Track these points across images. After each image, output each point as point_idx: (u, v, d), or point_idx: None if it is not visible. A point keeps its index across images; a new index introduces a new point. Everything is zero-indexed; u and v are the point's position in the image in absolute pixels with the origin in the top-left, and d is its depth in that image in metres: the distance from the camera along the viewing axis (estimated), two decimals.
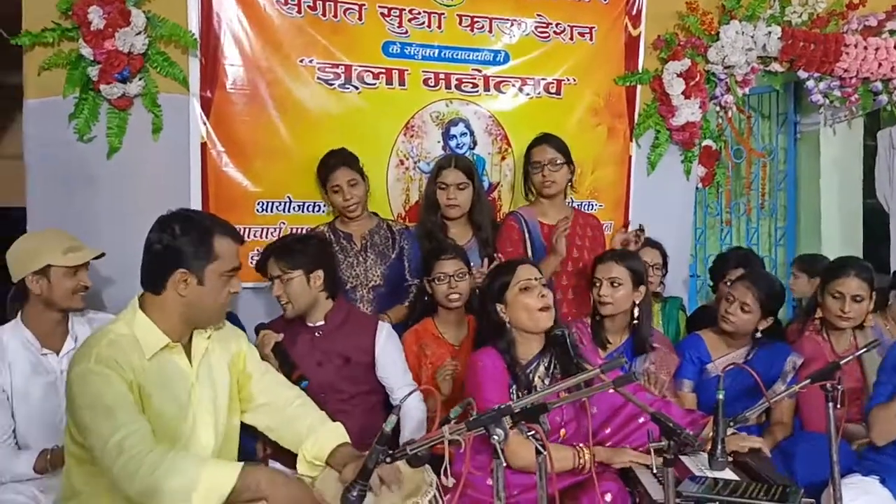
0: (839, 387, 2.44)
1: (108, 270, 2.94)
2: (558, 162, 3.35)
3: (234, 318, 3.04)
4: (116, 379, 1.86)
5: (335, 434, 2.19)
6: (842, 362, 2.56)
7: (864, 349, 2.66)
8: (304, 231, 3.29)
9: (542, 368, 2.51)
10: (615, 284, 2.97)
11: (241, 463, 1.84)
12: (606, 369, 1.77)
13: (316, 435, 2.17)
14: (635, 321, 3.02)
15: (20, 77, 3.07)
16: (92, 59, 2.97)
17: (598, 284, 3.01)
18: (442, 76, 3.59)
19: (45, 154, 3.07)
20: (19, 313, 2.60)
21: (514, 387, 2.35)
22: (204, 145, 3.24)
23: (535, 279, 2.51)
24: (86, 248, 2.59)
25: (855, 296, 3.08)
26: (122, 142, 3.12)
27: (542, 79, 3.76)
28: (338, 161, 3.21)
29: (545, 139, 3.42)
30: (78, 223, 2.98)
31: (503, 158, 3.75)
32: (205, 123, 3.23)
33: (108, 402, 1.83)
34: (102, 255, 2.62)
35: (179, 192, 3.16)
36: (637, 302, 3.01)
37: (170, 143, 3.19)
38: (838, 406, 2.44)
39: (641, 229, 3.58)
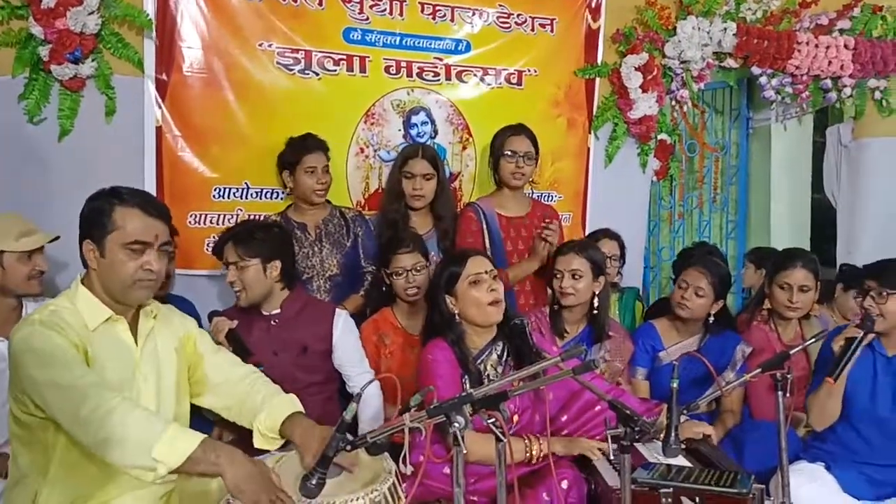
0: (788, 376, 2.51)
1: (62, 255, 2.86)
2: (532, 156, 3.36)
3: (189, 306, 3.01)
4: (62, 338, 1.84)
5: (288, 404, 2.16)
6: (791, 352, 2.64)
7: (813, 339, 2.72)
8: (261, 218, 3.24)
9: (493, 356, 2.52)
10: (576, 276, 3.00)
11: (205, 435, 1.80)
12: (566, 357, 1.79)
13: (269, 407, 2.14)
14: (595, 311, 3.06)
15: None
16: (42, 38, 2.89)
17: (559, 276, 3.04)
18: (403, 64, 3.57)
19: None
20: None
21: (466, 378, 2.36)
22: (159, 129, 3.18)
23: (486, 272, 2.51)
24: (40, 232, 2.53)
25: (802, 286, 3.16)
26: (73, 124, 3.04)
27: (504, 69, 3.77)
28: (316, 144, 3.19)
29: (522, 130, 3.41)
30: (30, 207, 2.90)
31: (464, 148, 3.75)
32: (160, 107, 3.17)
33: (59, 356, 1.80)
34: (57, 238, 2.56)
35: (134, 176, 3.09)
36: (597, 292, 3.05)
37: (124, 127, 3.12)
38: (787, 395, 2.51)
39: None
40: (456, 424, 1.75)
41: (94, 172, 3.02)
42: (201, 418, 2.33)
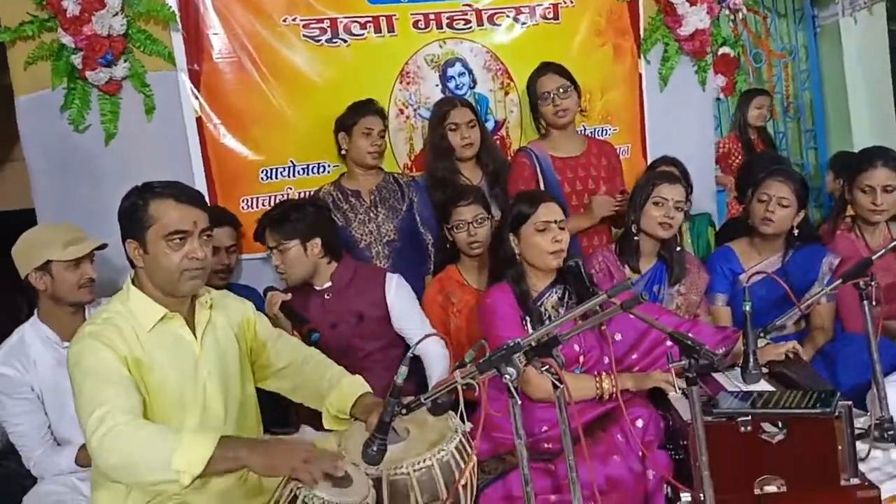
0: (873, 283, 2.34)
1: (120, 259, 2.93)
2: (567, 87, 3.23)
3: (253, 293, 3.03)
4: (107, 353, 1.84)
5: (356, 385, 2.15)
6: (874, 257, 2.46)
7: (894, 243, 2.54)
8: (310, 195, 3.24)
9: (554, 298, 2.48)
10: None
11: (219, 434, 1.77)
12: (613, 294, 1.70)
13: (337, 388, 2.14)
14: (678, 247, 2.92)
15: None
16: (73, 46, 2.92)
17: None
18: (432, 16, 3.46)
19: (43, 149, 3.06)
20: (36, 311, 2.61)
21: (528, 319, 2.30)
22: (199, 119, 3.18)
23: (555, 221, 2.45)
24: (86, 240, 2.56)
25: (885, 186, 2.94)
26: (117, 126, 3.08)
27: (538, 5, 3.60)
28: (375, 108, 3.17)
29: (548, 67, 3.29)
30: (85, 214, 2.97)
31: (506, 94, 3.63)
32: (197, 97, 3.18)
33: (96, 376, 1.81)
34: (104, 245, 2.59)
35: (181, 169, 3.12)
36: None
37: (165, 122, 3.14)
38: (874, 304, 2.34)
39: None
40: (507, 376, 1.70)
41: (143, 171, 2.96)
42: (278, 397, 2.35)
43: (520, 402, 1.72)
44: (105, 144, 3.08)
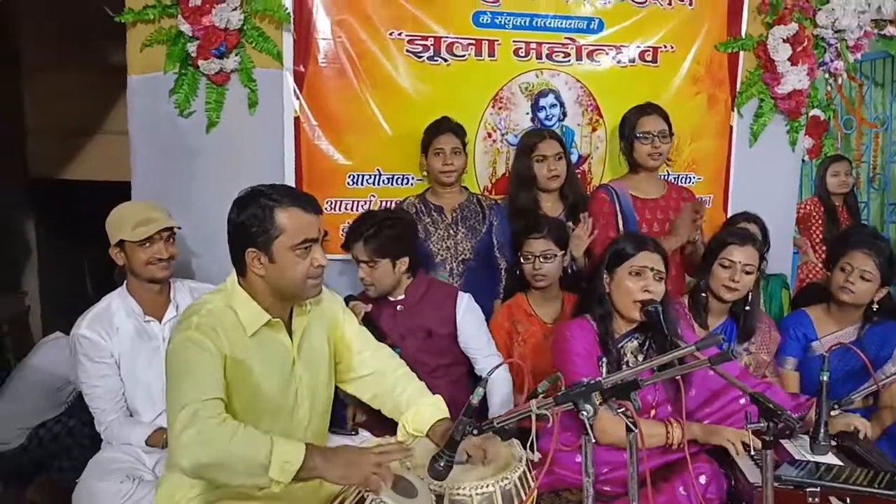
0: None
1: (206, 241, 3.03)
2: (667, 133, 3.24)
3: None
4: (211, 348, 1.86)
5: (435, 408, 2.15)
6: None
7: None
8: (393, 204, 3.30)
9: (634, 343, 2.46)
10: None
11: (304, 443, 1.81)
12: (702, 346, 1.70)
13: (416, 407, 2.15)
14: (747, 307, 2.89)
15: (123, 56, 3.18)
16: (190, 35, 3.04)
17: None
18: (533, 46, 3.50)
19: (147, 128, 3.18)
20: (126, 282, 2.72)
21: (604, 360, 2.31)
22: (297, 119, 3.28)
23: (653, 269, 2.44)
24: (157, 221, 2.65)
25: None
26: (219, 116, 3.19)
27: (638, 46, 3.62)
28: (447, 126, 3.21)
29: (654, 109, 3.29)
30: (178, 195, 3.11)
31: (594, 130, 3.65)
32: (298, 98, 3.27)
33: (194, 371, 1.82)
34: (173, 228, 2.69)
35: (274, 165, 3.23)
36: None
37: (265, 118, 3.24)
38: None
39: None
40: (584, 413, 1.71)
41: (239, 162, 3.19)
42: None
43: (594, 441, 1.72)
44: (206, 132, 3.19)
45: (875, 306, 2.95)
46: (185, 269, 3.11)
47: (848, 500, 1.95)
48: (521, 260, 3.00)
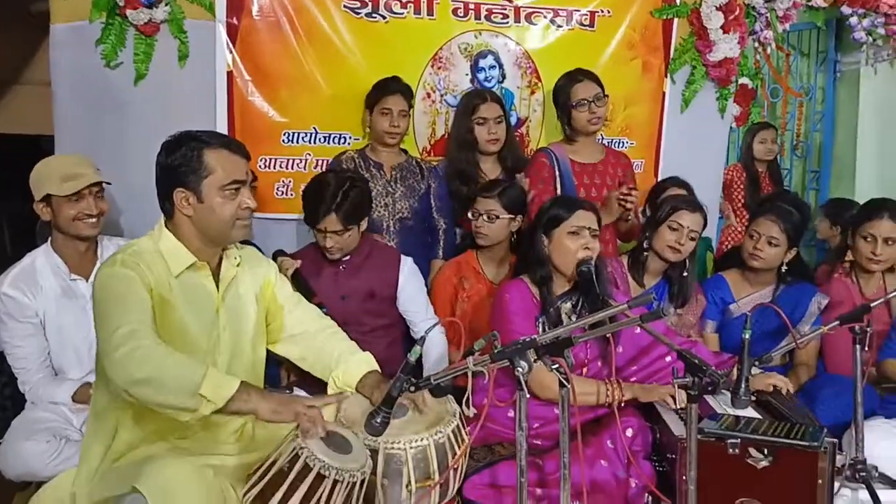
0: (868, 329, 2.42)
1: (135, 197, 2.95)
2: (601, 96, 3.26)
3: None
4: (137, 280, 1.87)
5: (364, 362, 2.22)
6: (872, 305, 2.54)
7: (894, 292, 2.62)
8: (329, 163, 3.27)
9: (568, 305, 2.51)
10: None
11: (239, 379, 1.85)
12: (633, 305, 1.75)
13: (346, 363, 2.21)
14: (685, 273, 2.99)
15: (45, 2, 3.04)
16: None
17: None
18: (472, 6, 3.48)
19: (71, 80, 3.06)
20: (49, 239, 2.62)
21: (543, 320, 2.35)
22: (230, 74, 3.20)
23: (588, 228, 2.49)
24: (85, 175, 2.57)
25: (887, 238, 3.02)
26: (148, 68, 3.09)
27: (575, 10, 3.64)
28: (396, 87, 3.19)
29: (583, 74, 3.30)
30: (105, 150, 3.01)
31: (532, 93, 3.67)
32: (231, 51, 3.19)
33: (124, 298, 1.84)
34: (101, 183, 2.62)
35: (206, 120, 3.14)
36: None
37: (196, 71, 3.15)
38: (865, 349, 2.42)
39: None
40: (519, 369, 1.75)
41: (168, 116, 3.09)
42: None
43: (528, 397, 1.77)
44: (134, 84, 3.09)
45: (785, 268, 3.08)
46: (113, 226, 3.02)
47: (765, 451, 2.05)
48: (470, 215, 3.02)
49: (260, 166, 3.27)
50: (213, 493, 1.76)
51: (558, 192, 3.24)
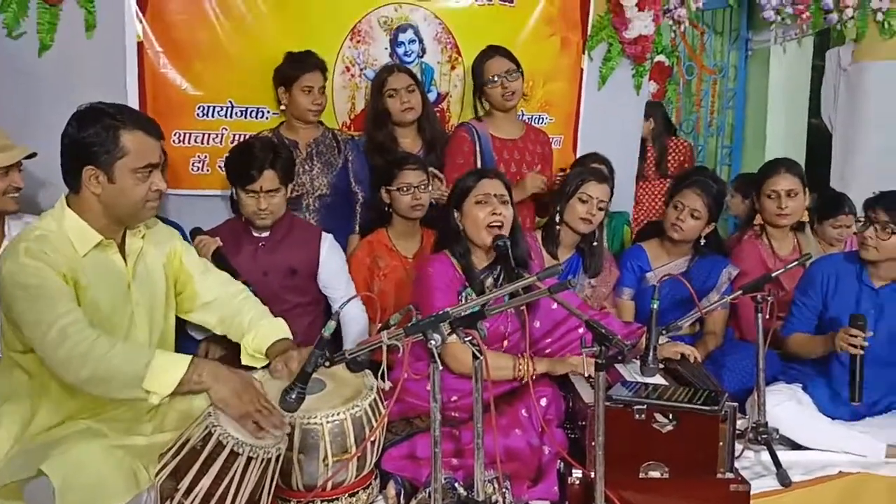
0: (769, 298, 2.54)
1: (43, 172, 2.83)
2: (514, 70, 3.30)
3: (174, 227, 2.98)
4: (48, 270, 1.83)
5: (276, 328, 2.25)
6: (773, 275, 2.66)
7: (794, 263, 2.75)
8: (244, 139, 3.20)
9: (489, 280, 2.54)
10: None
11: (191, 356, 1.88)
12: (542, 277, 1.80)
13: (257, 328, 2.23)
14: (595, 242, 3.07)
15: None
16: None
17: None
18: None
19: None
20: None
21: (466, 294, 2.39)
22: (140, 44, 3.10)
23: (496, 195, 2.50)
24: (16, 148, 2.49)
25: (788, 191, 3.16)
26: (53, 39, 2.97)
27: None
28: (316, 63, 3.14)
29: (495, 50, 3.35)
30: (11, 121, 2.85)
31: (453, 68, 3.67)
32: (141, 21, 3.08)
33: (45, 292, 1.81)
34: (33, 154, 2.53)
35: (116, 93, 3.01)
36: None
37: (104, 42, 3.04)
38: (767, 316, 2.54)
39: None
40: (433, 342, 1.78)
41: (75, 88, 2.95)
42: (182, 333, 2.36)
43: (441, 368, 1.80)
44: (38, 55, 2.96)
45: (703, 241, 3.19)
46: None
47: (670, 416, 2.14)
48: (399, 192, 2.98)
49: (174, 141, 3.19)
50: (123, 474, 1.74)
51: (478, 166, 3.27)
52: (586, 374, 2.40)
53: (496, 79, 3.26)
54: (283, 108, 3.21)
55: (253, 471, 1.79)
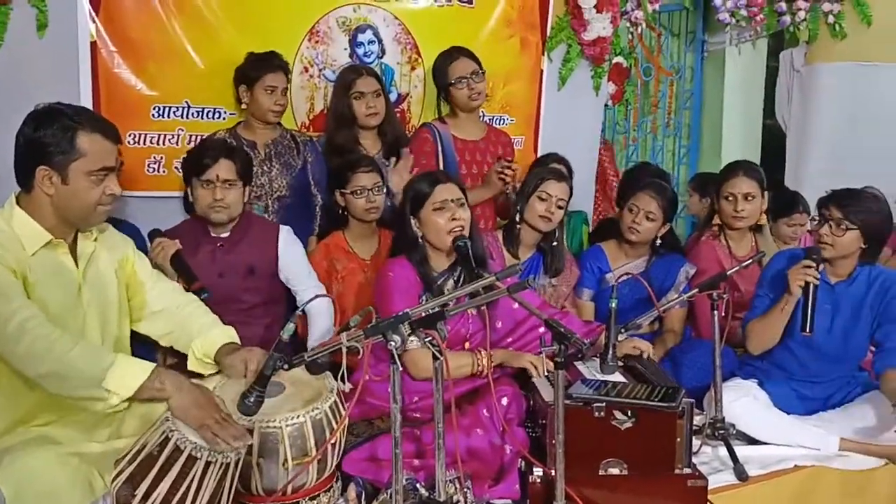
0: (724, 296, 2.58)
1: None
2: (478, 71, 3.31)
3: (132, 229, 2.94)
4: (0, 266, 1.81)
5: (225, 334, 2.23)
6: (728, 272, 2.71)
7: (749, 261, 2.80)
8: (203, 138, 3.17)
9: (450, 283, 2.54)
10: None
11: (154, 364, 1.86)
12: (501, 277, 1.81)
13: (206, 334, 2.21)
14: (555, 242, 3.08)
15: None
16: None
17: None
18: None
19: None
20: None
21: (426, 297, 2.38)
22: (94, 45, 3.04)
23: (453, 200, 2.50)
24: None
25: (746, 194, 3.21)
26: (3, 38, 2.92)
27: None
28: (279, 63, 3.12)
29: (459, 52, 3.35)
30: None
31: (413, 69, 3.67)
32: (94, 21, 3.03)
33: None
34: None
35: (69, 93, 2.94)
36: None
37: (57, 42, 2.99)
38: (724, 314, 2.59)
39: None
40: (392, 343, 1.77)
41: (27, 89, 2.91)
42: (139, 341, 2.32)
43: (401, 369, 1.80)
44: None
45: (659, 241, 3.23)
46: None
47: (628, 413, 2.17)
48: (353, 195, 2.96)
49: (129, 142, 3.13)
50: (78, 482, 1.72)
51: (441, 167, 3.28)
52: (540, 375, 2.41)
53: (462, 80, 3.27)
54: (244, 106, 3.17)
55: (211, 476, 1.77)
